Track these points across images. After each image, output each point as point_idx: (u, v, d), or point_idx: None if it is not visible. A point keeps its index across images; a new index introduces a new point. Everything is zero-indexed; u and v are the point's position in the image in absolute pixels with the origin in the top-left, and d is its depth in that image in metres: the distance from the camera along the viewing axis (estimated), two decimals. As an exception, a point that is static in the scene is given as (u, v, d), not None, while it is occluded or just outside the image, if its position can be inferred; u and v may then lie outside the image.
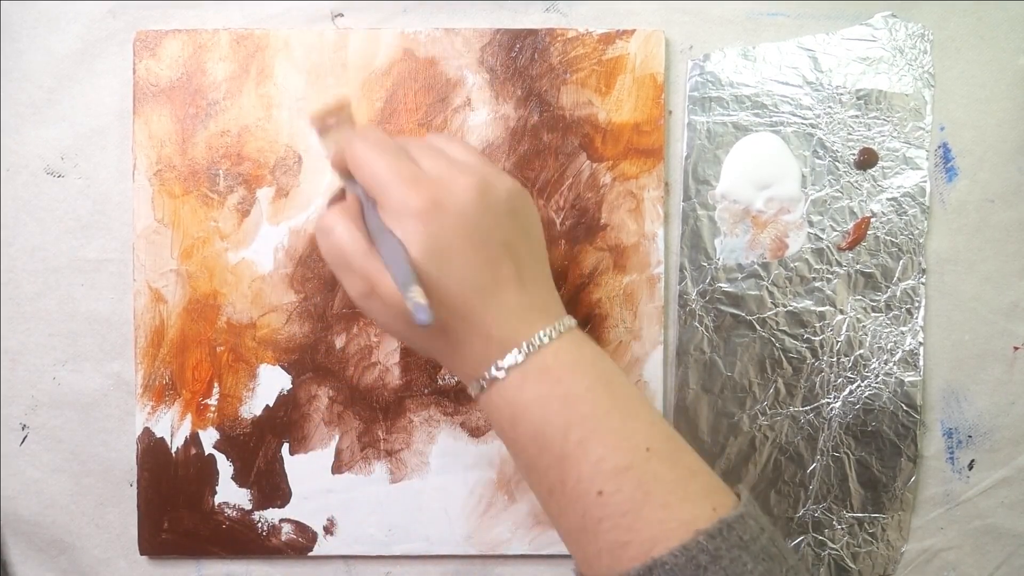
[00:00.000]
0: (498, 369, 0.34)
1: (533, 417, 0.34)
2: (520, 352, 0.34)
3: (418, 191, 0.34)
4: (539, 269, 0.38)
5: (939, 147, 0.48)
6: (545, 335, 0.35)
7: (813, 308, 0.48)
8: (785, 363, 0.48)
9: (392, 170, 0.34)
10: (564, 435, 0.34)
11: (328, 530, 0.47)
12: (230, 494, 0.47)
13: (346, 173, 0.37)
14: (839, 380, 0.48)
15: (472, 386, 0.36)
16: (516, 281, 0.35)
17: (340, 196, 0.39)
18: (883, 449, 0.48)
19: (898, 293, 0.48)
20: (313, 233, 0.47)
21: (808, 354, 0.48)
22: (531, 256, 0.37)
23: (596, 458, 0.33)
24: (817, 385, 0.48)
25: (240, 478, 0.47)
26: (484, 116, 0.47)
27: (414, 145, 0.37)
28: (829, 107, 0.47)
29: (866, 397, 0.48)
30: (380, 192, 0.34)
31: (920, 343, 0.48)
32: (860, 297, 0.48)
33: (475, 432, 0.47)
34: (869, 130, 0.47)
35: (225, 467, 0.47)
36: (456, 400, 0.47)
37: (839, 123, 0.47)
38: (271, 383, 0.47)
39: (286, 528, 0.47)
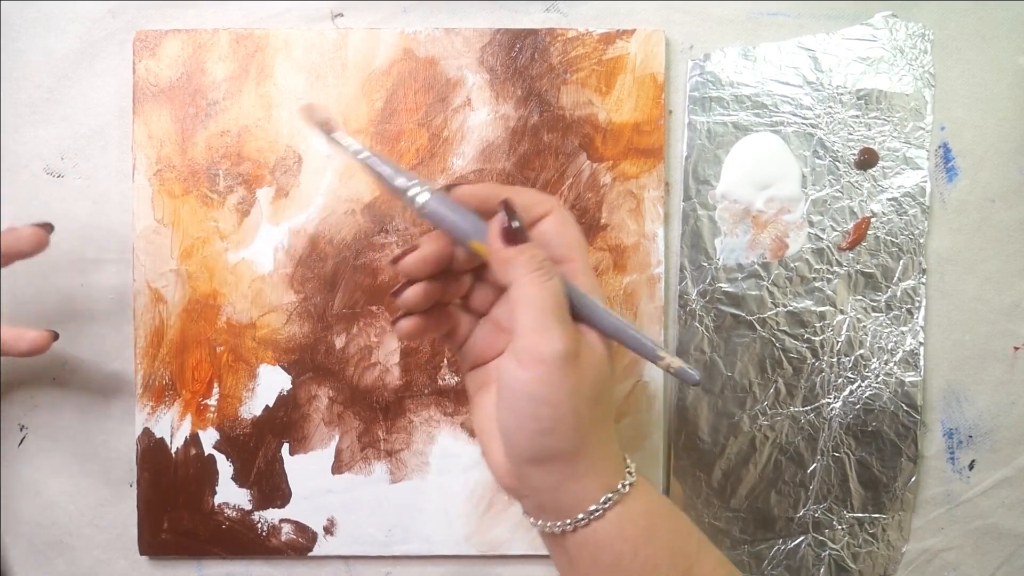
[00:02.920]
0: (602, 503, 0.34)
1: (657, 542, 0.34)
2: (622, 486, 0.34)
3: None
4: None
5: (939, 147, 0.48)
6: (627, 483, 0.34)
7: (813, 308, 0.47)
8: (785, 363, 0.48)
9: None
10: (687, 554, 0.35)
11: (328, 530, 0.47)
12: (230, 494, 0.47)
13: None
14: (839, 380, 0.48)
15: (555, 525, 0.35)
16: (612, 429, 0.36)
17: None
18: (883, 449, 0.48)
19: (898, 293, 0.47)
20: (313, 234, 0.47)
21: (808, 354, 0.48)
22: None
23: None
24: (817, 385, 0.48)
25: (240, 478, 0.47)
26: (484, 116, 0.47)
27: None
28: (829, 107, 0.47)
29: (866, 397, 0.48)
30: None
31: (920, 343, 0.48)
32: (860, 297, 0.47)
33: (475, 433, 0.47)
34: (869, 130, 0.47)
35: (225, 467, 0.47)
36: (456, 400, 0.47)
37: (839, 123, 0.47)
38: (271, 383, 0.47)
39: (286, 528, 0.47)
